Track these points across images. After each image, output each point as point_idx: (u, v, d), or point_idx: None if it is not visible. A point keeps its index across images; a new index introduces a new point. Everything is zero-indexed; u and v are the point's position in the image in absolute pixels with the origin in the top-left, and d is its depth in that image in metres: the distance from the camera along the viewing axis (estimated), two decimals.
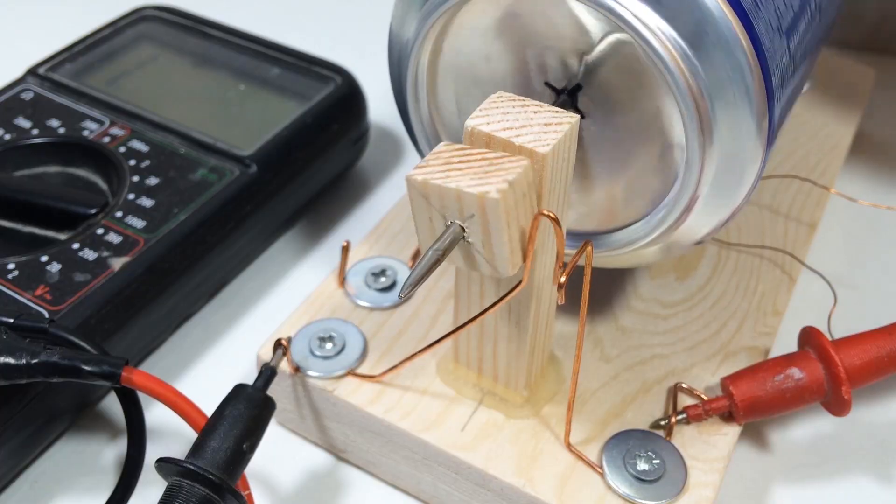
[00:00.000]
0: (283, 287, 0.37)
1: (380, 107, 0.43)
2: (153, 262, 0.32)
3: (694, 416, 0.28)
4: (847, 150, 0.40)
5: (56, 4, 0.53)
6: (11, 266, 0.31)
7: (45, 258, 0.31)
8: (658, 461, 0.27)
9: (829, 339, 0.28)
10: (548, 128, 0.23)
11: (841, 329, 0.32)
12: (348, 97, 0.40)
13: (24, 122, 0.37)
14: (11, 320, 0.27)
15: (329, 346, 0.29)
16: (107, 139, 0.36)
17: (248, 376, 0.29)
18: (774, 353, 0.30)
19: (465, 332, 0.28)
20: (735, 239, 0.35)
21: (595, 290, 0.32)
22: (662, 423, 0.28)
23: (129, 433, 0.28)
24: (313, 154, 0.38)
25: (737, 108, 0.23)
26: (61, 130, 0.37)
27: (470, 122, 0.23)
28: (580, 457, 0.27)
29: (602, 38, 0.24)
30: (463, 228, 0.22)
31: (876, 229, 0.39)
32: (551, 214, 0.22)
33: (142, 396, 0.28)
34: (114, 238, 0.32)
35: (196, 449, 0.25)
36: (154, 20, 0.44)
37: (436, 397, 0.28)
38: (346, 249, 0.32)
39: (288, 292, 0.36)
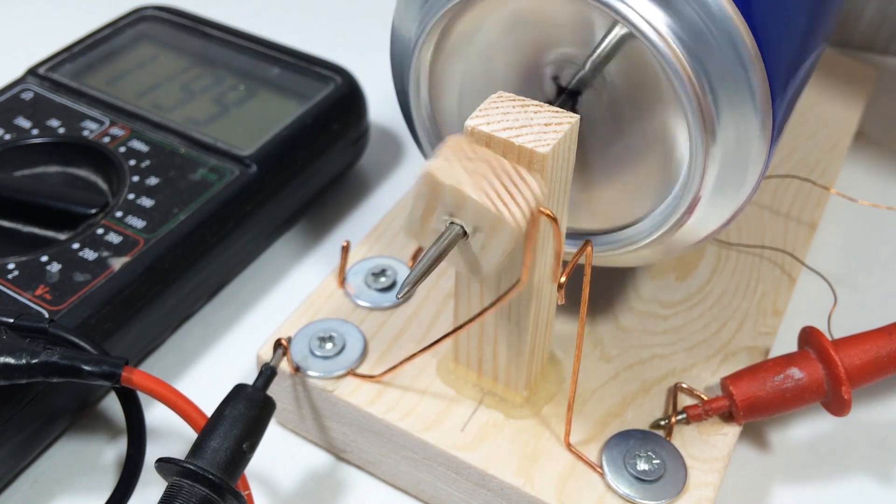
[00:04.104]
0: (283, 287, 0.37)
1: (380, 107, 0.43)
2: (153, 262, 0.32)
3: (694, 416, 0.28)
4: (847, 150, 0.40)
5: (56, 4, 0.53)
6: (11, 266, 0.31)
7: (45, 258, 0.31)
8: (658, 461, 0.27)
9: (829, 339, 0.28)
10: (548, 128, 0.23)
11: (841, 329, 0.32)
12: (348, 97, 0.40)
13: (24, 122, 0.37)
14: (11, 320, 0.27)
15: (329, 346, 0.29)
16: (107, 139, 0.36)
17: (248, 376, 0.29)
18: (774, 353, 0.30)
19: (465, 333, 0.28)
20: (735, 239, 0.35)
21: (595, 290, 0.32)
22: (662, 423, 0.28)
23: (129, 433, 0.28)
24: (313, 154, 0.38)
25: (740, 106, 0.23)
26: (61, 130, 0.37)
27: (470, 122, 0.23)
28: (580, 457, 0.27)
29: (605, 37, 0.24)
30: (464, 230, 0.22)
31: (876, 229, 0.39)
32: (549, 213, 0.22)
33: (142, 396, 0.28)
34: (114, 238, 0.32)
35: (196, 449, 0.25)
36: (154, 20, 0.44)
37: (436, 397, 0.28)
38: (346, 249, 0.32)
39: (288, 292, 0.36)
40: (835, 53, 0.46)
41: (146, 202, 0.34)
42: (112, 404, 0.32)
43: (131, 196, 0.34)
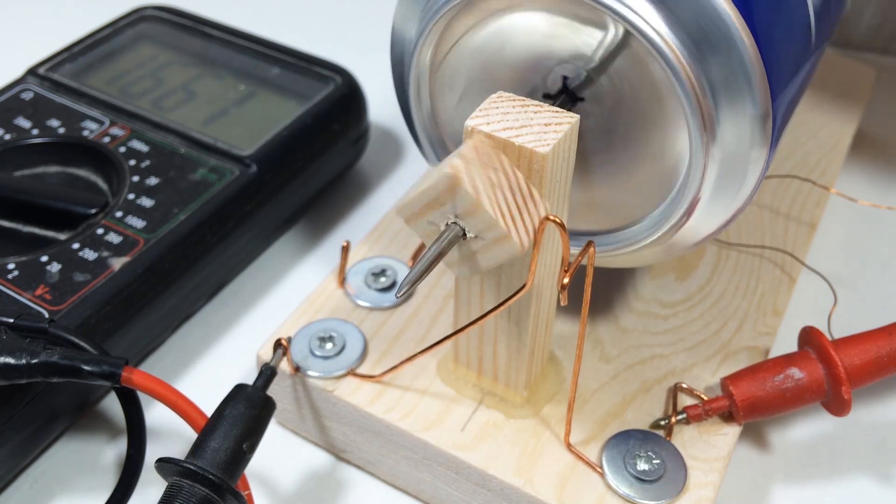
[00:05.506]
0: (283, 287, 0.37)
1: (380, 107, 0.43)
2: (153, 262, 0.32)
3: (694, 416, 0.28)
4: (847, 150, 0.40)
5: (56, 4, 0.53)
6: (11, 266, 0.31)
7: (45, 258, 0.31)
8: (658, 461, 0.27)
9: (829, 339, 0.28)
10: (548, 128, 0.23)
11: (841, 329, 0.32)
12: (348, 97, 0.40)
13: (24, 122, 0.37)
14: (11, 320, 0.27)
15: (329, 346, 0.29)
16: (107, 139, 0.36)
17: (248, 376, 0.29)
18: (774, 353, 0.30)
19: (465, 332, 0.27)
20: (735, 239, 0.35)
21: (595, 291, 0.32)
22: (662, 423, 0.28)
23: (129, 433, 0.28)
24: (313, 154, 0.38)
25: (740, 107, 0.23)
26: (61, 130, 0.37)
27: (470, 122, 0.23)
28: (580, 457, 0.27)
29: (606, 38, 0.24)
30: (464, 232, 0.22)
31: (876, 229, 0.39)
32: (557, 220, 0.22)
33: (142, 396, 0.28)
34: (114, 238, 0.32)
35: (196, 449, 0.25)
36: (154, 20, 0.44)
37: (436, 397, 0.28)
38: (346, 249, 0.32)
39: (288, 292, 0.36)
40: (835, 53, 0.46)
41: (146, 202, 0.34)
42: (112, 404, 0.32)
43: (131, 196, 0.34)
